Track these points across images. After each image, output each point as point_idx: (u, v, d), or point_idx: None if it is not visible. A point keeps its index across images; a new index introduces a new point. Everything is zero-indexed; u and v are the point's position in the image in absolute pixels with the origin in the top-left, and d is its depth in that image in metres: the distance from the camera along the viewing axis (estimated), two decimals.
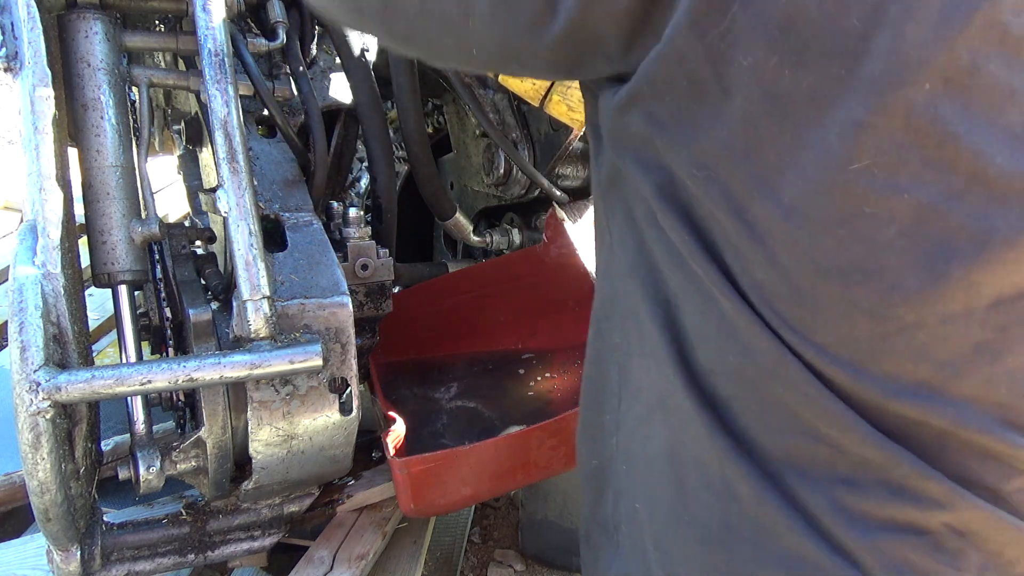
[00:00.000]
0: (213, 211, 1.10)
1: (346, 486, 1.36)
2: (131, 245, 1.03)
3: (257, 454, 1.05)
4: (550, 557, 1.59)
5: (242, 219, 0.97)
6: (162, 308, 1.18)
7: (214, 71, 1.00)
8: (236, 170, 0.98)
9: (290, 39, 1.29)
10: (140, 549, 1.15)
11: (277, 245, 1.12)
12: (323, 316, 1.04)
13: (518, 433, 1.25)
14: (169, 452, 1.04)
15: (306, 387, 1.04)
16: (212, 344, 1.04)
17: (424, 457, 1.17)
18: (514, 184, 1.55)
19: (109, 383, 0.85)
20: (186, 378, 0.89)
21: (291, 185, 1.22)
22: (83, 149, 1.04)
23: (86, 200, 1.04)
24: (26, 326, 0.83)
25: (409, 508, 1.21)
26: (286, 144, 1.27)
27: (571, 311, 1.67)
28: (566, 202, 1.51)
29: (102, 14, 1.05)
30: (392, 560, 1.35)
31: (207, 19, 1.02)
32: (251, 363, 0.93)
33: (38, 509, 0.89)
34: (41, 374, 0.82)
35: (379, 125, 1.39)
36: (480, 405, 1.52)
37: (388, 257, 1.24)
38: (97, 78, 1.04)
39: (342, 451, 1.13)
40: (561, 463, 1.29)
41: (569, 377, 1.61)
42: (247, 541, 1.23)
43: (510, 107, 1.49)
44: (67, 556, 1.02)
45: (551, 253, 1.55)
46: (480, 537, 1.70)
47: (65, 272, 0.91)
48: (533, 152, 1.50)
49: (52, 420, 0.84)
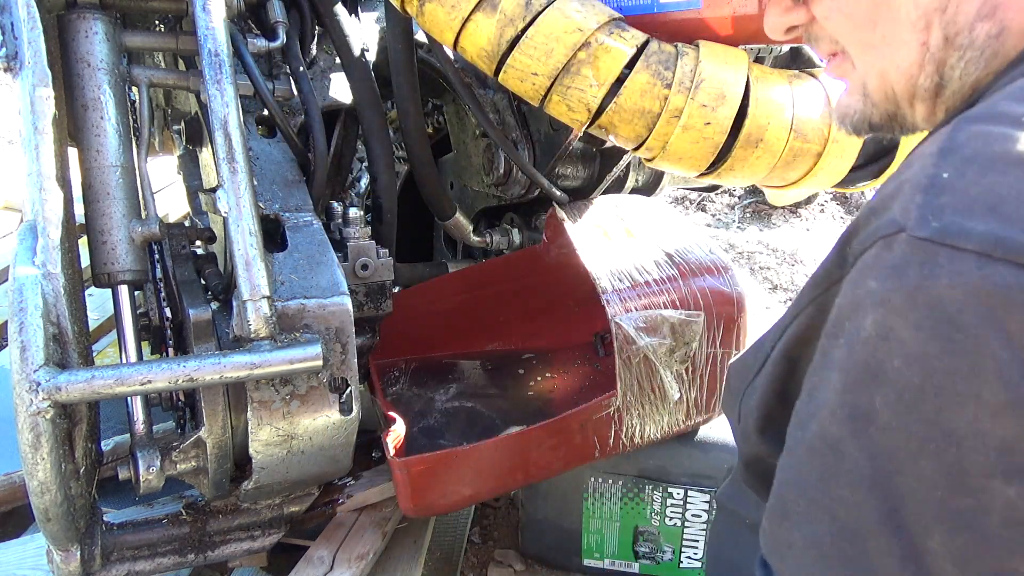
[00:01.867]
0: (213, 211, 1.10)
1: (346, 486, 1.36)
2: (131, 245, 1.03)
3: (257, 454, 1.05)
4: (550, 557, 1.59)
5: (242, 219, 0.97)
6: (162, 308, 1.18)
7: (214, 71, 1.00)
8: (236, 170, 0.98)
9: (290, 39, 1.29)
10: (140, 549, 1.15)
11: (277, 245, 1.12)
12: (323, 316, 1.04)
13: (518, 433, 1.24)
14: (169, 452, 1.04)
15: (306, 387, 1.04)
16: (212, 344, 1.04)
17: (424, 457, 1.17)
18: (514, 184, 1.55)
19: (109, 383, 0.85)
20: (186, 378, 0.89)
21: (291, 185, 1.22)
22: (83, 149, 1.04)
23: (86, 200, 1.04)
24: (26, 326, 0.83)
25: (409, 508, 1.21)
26: (286, 144, 1.27)
27: (571, 311, 1.67)
28: (566, 202, 1.51)
29: (102, 14, 1.05)
30: (392, 560, 1.35)
31: (207, 19, 1.02)
32: (251, 363, 0.93)
33: (38, 509, 0.89)
34: (41, 374, 0.82)
35: (379, 125, 1.39)
36: (480, 405, 1.52)
37: (388, 257, 1.24)
38: (97, 78, 1.04)
39: (342, 451, 1.13)
40: (561, 463, 1.29)
41: (569, 377, 1.61)
42: (247, 541, 1.23)
43: (510, 107, 1.49)
44: (67, 556, 1.02)
45: (551, 253, 1.55)
46: (480, 537, 1.69)
47: (65, 272, 0.91)
48: (533, 152, 1.50)
49: (52, 420, 0.84)
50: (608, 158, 1.52)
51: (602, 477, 1.46)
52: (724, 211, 4.02)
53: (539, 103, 1.06)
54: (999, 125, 0.42)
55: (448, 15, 1.04)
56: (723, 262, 1.37)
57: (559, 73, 1.01)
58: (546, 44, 1.00)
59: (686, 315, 1.26)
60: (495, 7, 1.01)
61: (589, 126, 1.06)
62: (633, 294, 1.28)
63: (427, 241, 2.07)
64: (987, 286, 0.38)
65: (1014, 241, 0.38)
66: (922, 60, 0.55)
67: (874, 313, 0.43)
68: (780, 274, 3.29)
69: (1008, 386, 0.38)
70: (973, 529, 0.41)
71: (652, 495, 1.45)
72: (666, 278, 1.32)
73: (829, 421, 0.47)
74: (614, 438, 1.28)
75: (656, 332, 1.24)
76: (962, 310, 0.39)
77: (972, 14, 0.52)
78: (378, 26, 1.58)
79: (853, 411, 0.45)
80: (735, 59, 1.01)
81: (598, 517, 1.50)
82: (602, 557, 1.53)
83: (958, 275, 0.39)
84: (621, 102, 1.01)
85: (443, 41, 1.10)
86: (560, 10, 1.00)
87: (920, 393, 0.41)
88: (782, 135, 1.04)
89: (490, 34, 1.02)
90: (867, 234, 0.46)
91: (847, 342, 0.46)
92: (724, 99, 0.99)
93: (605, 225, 1.45)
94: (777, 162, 1.07)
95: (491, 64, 1.05)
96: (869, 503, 0.44)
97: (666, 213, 1.55)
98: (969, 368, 0.39)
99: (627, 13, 1.05)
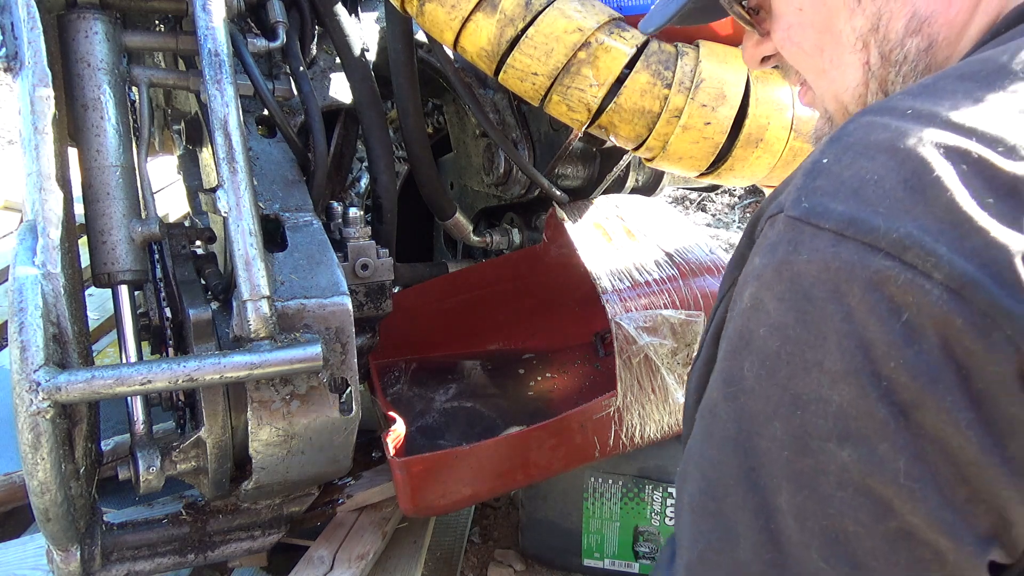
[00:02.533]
0: (213, 211, 1.10)
1: (346, 486, 1.36)
2: (131, 245, 1.03)
3: (257, 454, 1.05)
4: (550, 557, 1.59)
5: (242, 219, 0.97)
6: (162, 308, 1.18)
7: (214, 71, 1.00)
8: (236, 170, 0.98)
9: (290, 39, 1.29)
10: (140, 549, 1.15)
11: (277, 245, 1.12)
12: (323, 316, 1.04)
13: (518, 433, 1.24)
14: (169, 452, 1.04)
15: (306, 387, 1.04)
16: (212, 344, 1.04)
17: (424, 457, 1.17)
18: (514, 184, 1.55)
19: (109, 383, 0.85)
20: (186, 378, 0.89)
21: (291, 185, 1.22)
22: (83, 149, 1.04)
23: (86, 200, 1.04)
24: (26, 326, 0.83)
25: (409, 508, 1.21)
26: (286, 144, 1.27)
27: (571, 311, 1.67)
28: (566, 202, 1.51)
29: (102, 14, 1.05)
30: (392, 560, 1.35)
31: (207, 19, 1.02)
32: (251, 363, 0.93)
33: (38, 509, 0.89)
34: (41, 374, 0.82)
35: (379, 125, 1.39)
36: (480, 405, 1.52)
37: (388, 257, 1.24)
38: (97, 78, 1.04)
39: (342, 451, 1.13)
40: (561, 463, 1.29)
41: (569, 377, 1.61)
42: (247, 541, 1.23)
43: (510, 107, 1.49)
44: (67, 556, 1.02)
45: (551, 253, 1.55)
46: (480, 537, 1.69)
47: (65, 272, 0.91)
48: (533, 152, 1.50)
49: (52, 420, 0.84)
50: (608, 158, 1.52)
51: (602, 477, 1.45)
52: (724, 211, 4.02)
53: (539, 103, 1.06)
54: (885, 116, 0.44)
55: (448, 15, 1.04)
56: (723, 262, 1.37)
57: (559, 73, 1.01)
58: (546, 44, 1.00)
59: (686, 315, 1.26)
60: (495, 7, 1.01)
61: (589, 126, 1.06)
62: (633, 294, 1.28)
63: (427, 241, 2.07)
64: (835, 262, 0.41)
65: (865, 223, 0.40)
66: (866, 78, 0.60)
67: (751, 286, 0.46)
68: None
69: (845, 356, 0.41)
70: (812, 488, 0.43)
71: (652, 495, 1.45)
72: (666, 278, 1.32)
73: (713, 387, 0.50)
74: (614, 438, 1.28)
75: (656, 332, 1.24)
76: (814, 284, 0.42)
77: (901, 31, 0.56)
78: (378, 26, 1.58)
79: (727, 376, 0.48)
80: (735, 59, 1.01)
81: (598, 517, 1.50)
82: (602, 557, 1.53)
83: (815, 251, 0.42)
84: (621, 102, 1.01)
85: (443, 41, 1.10)
86: (560, 10, 1.00)
87: (777, 360, 0.44)
88: (782, 135, 1.04)
89: (490, 34, 1.02)
90: (763, 215, 0.48)
91: (732, 315, 0.49)
92: (724, 99, 0.99)
93: (605, 225, 1.45)
94: (777, 162, 1.07)
95: (491, 64, 1.05)
96: (731, 462, 0.47)
97: (666, 213, 1.55)
98: (815, 338, 0.42)
99: (627, 13, 1.05)
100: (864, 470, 0.42)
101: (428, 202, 1.55)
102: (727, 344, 0.49)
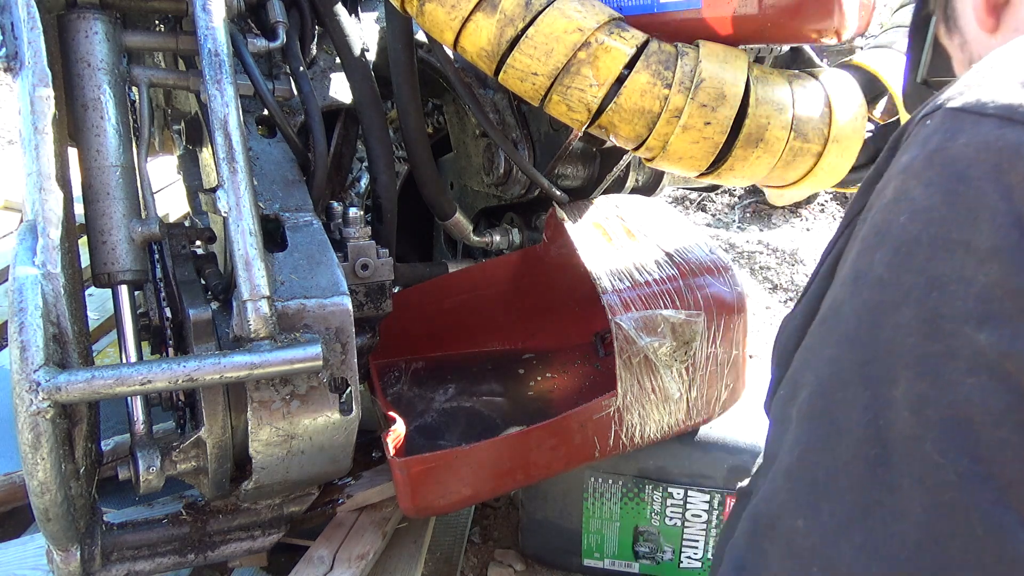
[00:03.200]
0: (213, 211, 1.10)
1: (346, 486, 1.36)
2: (131, 245, 1.03)
3: (257, 454, 1.05)
4: (550, 557, 1.59)
5: (242, 219, 0.97)
6: (162, 308, 1.18)
7: (214, 71, 1.00)
8: (236, 170, 0.98)
9: (290, 39, 1.29)
10: (140, 549, 1.15)
11: (277, 245, 1.12)
12: (323, 316, 1.04)
13: (518, 433, 1.24)
14: (169, 452, 1.04)
15: (306, 387, 1.04)
16: (212, 344, 1.04)
17: (424, 457, 1.17)
18: (514, 184, 1.55)
19: (109, 383, 0.85)
20: (186, 378, 0.89)
21: (291, 185, 1.22)
22: (83, 149, 1.04)
23: (86, 200, 1.04)
24: (26, 326, 0.83)
25: (409, 508, 1.21)
26: (286, 144, 1.27)
27: (571, 311, 1.67)
28: (566, 202, 1.51)
29: (102, 14, 1.05)
30: (392, 560, 1.35)
31: (207, 19, 1.02)
32: (251, 363, 0.93)
33: (38, 509, 0.89)
34: (41, 374, 0.82)
35: (379, 125, 1.39)
36: (480, 405, 1.52)
37: (388, 257, 1.24)
38: (97, 78, 1.04)
39: (342, 451, 1.13)
40: (561, 463, 1.29)
41: (569, 377, 1.61)
42: (247, 541, 1.23)
43: (510, 107, 1.49)
44: (67, 556, 1.02)
45: (551, 253, 1.55)
46: (480, 537, 1.69)
47: (65, 272, 0.91)
48: (533, 152, 1.50)
49: (52, 420, 0.84)
50: (608, 158, 1.52)
51: (602, 477, 1.45)
52: (724, 211, 4.02)
53: (539, 103, 1.06)
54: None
55: (448, 15, 1.04)
56: (723, 262, 1.37)
57: (559, 73, 1.01)
58: (546, 44, 1.00)
59: (686, 315, 1.26)
60: (495, 7, 1.01)
61: (589, 126, 1.06)
62: (633, 294, 1.28)
63: (427, 241, 2.07)
64: (1000, 143, 0.41)
65: None
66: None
67: (895, 180, 0.46)
68: (780, 274, 3.29)
69: (998, 232, 0.40)
70: (936, 374, 0.41)
71: (652, 495, 1.45)
72: (666, 278, 1.32)
73: (838, 288, 0.49)
74: (614, 438, 1.28)
75: (656, 332, 1.24)
76: (971, 165, 0.41)
77: None
78: (378, 26, 1.58)
79: (855, 273, 0.47)
80: (735, 59, 1.01)
81: (598, 517, 1.50)
82: (602, 557, 1.53)
83: (976, 135, 0.42)
84: (621, 102, 1.01)
85: (443, 41, 1.09)
86: (560, 10, 1.00)
87: (916, 244, 0.43)
88: (782, 135, 1.04)
89: (490, 34, 1.02)
90: (913, 121, 0.48)
91: (869, 216, 0.48)
92: (724, 99, 0.99)
93: (605, 225, 1.45)
94: (777, 162, 1.06)
95: (491, 64, 1.05)
96: (846, 357, 0.46)
97: (666, 213, 1.55)
98: (965, 216, 0.41)
99: (627, 13, 1.05)
100: (1003, 352, 0.39)
101: (428, 202, 1.55)
102: (859, 245, 0.48)
